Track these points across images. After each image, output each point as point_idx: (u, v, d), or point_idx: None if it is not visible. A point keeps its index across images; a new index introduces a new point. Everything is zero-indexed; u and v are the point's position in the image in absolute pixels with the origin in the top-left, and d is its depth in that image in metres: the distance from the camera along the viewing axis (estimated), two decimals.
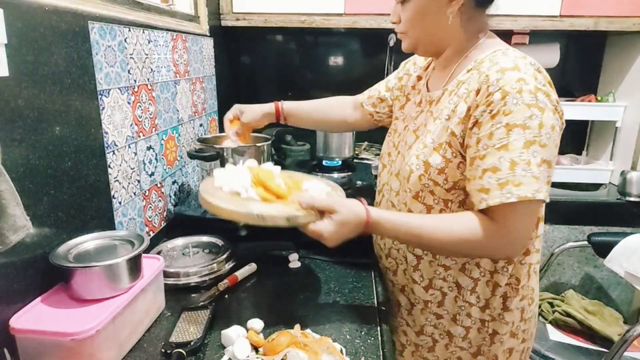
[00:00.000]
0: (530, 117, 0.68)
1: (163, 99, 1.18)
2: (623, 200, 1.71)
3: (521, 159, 0.68)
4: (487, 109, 0.71)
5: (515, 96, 0.68)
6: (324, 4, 1.69)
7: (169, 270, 0.94)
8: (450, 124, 0.78)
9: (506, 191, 0.68)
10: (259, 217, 0.72)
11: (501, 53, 0.76)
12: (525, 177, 0.68)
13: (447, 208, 0.81)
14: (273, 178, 0.81)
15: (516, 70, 0.70)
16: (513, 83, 0.69)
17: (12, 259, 0.66)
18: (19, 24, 0.67)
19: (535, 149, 0.68)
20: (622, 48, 1.88)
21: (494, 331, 0.85)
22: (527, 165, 0.68)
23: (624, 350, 1.21)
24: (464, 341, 0.87)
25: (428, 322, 0.88)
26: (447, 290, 0.85)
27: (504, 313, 0.84)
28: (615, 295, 1.82)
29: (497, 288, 0.83)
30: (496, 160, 0.69)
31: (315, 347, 0.68)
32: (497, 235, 0.72)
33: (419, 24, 0.81)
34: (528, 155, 0.68)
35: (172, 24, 1.26)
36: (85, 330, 0.63)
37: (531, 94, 0.68)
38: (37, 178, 0.71)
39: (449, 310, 0.86)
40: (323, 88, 2.11)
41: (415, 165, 0.81)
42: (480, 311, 0.85)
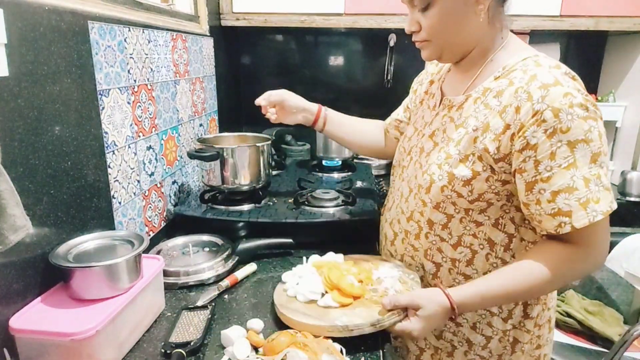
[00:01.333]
0: (590, 130, 0.66)
1: (163, 98, 1.18)
2: (623, 200, 1.71)
3: (592, 174, 0.67)
4: (539, 129, 0.67)
5: (569, 112, 0.66)
6: (324, 4, 1.69)
7: (168, 270, 0.94)
8: (481, 137, 0.74)
9: (590, 210, 0.67)
10: (344, 329, 0.72)
11: (533, 62, 0.73)
12: (600, 191, 0.67)
13: (468, 216, 0.79)
14: (344, 277, 0.81)
15: (559, 86, 0.67)
16: (561, 99, 0.66)
17: (12, 258, 0.66)
18: (19, 24, 0.67)
19: (602, 160, 0.67)
20: (622, 48, 1.88)
21: (514, 339, 0.84)
22: (598, 180, 0.67)
23: (624, 350, 1.21)
24: (484, 350, 0.85)
25: (447, 328, 0.86)
26: None
27: (525, 321, 0.83)
28: (615, 296, 1.81)
29: None
30: (568, 181, 0.67)
31: (315, 347, 0.68)
32: (585, 256, 0.71)
33: (447, 28, 0.76)
34: (597, 169, 0.67)
35: (172, 23, 1.25)
36: (85, 331, 0.63)
37: (582, 107, 0.66)
38: (36, 178, 0.71)
39: (468, 319, 0.84)
40: (323, 88, 2.11)
41: (438, 175, 0.78)
42: (502, 322, 0.83)
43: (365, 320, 0.73)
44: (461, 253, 0.81)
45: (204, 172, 1.21)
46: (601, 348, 1.47)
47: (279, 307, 0.80)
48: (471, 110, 0.77)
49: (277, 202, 1.24)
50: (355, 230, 1.15)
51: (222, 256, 1.00)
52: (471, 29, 0.76)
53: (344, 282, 0.80)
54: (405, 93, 1.12)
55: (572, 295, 1.74)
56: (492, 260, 0.80)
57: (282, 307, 0.80)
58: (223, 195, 1.26)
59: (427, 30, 0.78)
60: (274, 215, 1.14)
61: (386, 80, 2.02)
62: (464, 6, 0.74)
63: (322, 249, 1.01)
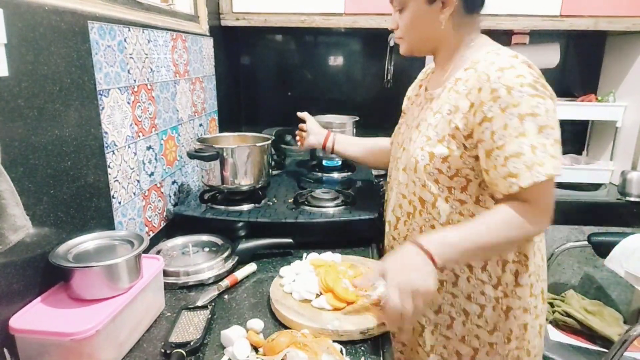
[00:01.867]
0: (536, 106, 0.76)
1: (163, 98, 1.18)
2: (623, 200, 1.71)
3: (539, 143, 0.76)
4: (494, 104, 0.78)
5: (520, 89, 0.76)
6: (324, 4, 1.69)
7: (168, 270, 0.94)
8: (452, 118, 0.84)
9: (535, 172, 0.76)
10: (334, 333, 0.75)
11: (494, 53, 0.84)
12: (545, 157, 0.76)
13: (451, 194, 0.87)
14: (339, 281, 0.84)
15: (513, 69, 0.78)
16: (514, 79, 0.77)
17: (12, 258, 0.66)
18: (18, 24, 0.67)
19: (547, 132, 0.77)
20: (622, 48, 1.88)
21: (507, 307, 0.89)
22: (544, 148, 0.76)
23: (624, 350, 1.21)
24: (480, 319, 0.90)
25: (445, 300, 0.92)
26: (459, 271, 0.90)
27: (516, 289, 0.89)
28: (615, 296, 1.82)
29: (507, 264, 0.88)
30: (517, 147, 0.76)
31: (315, 347, 0.68)
32: (534, 213, 0.79)
33: (415, 29, 0.90)
34: (542, 139, 0.76)
35: (171, 23, 1.26)
36: (85, 330, 0.63)
37: (531, 87, 0.77)
38: (36, 178, 0.71)
39: (463, 290, 0.90)
40: (323, 88, 2.11)
41: (420, 156, 0.88)
42: (493, 289, 0.89)
43: (356, 327, 0.76)
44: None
45: (204, 172, 1.21)
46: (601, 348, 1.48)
47: (274, 302, 0.83)
48: (446, 98, 0.88)
49: (277, 202, 1.24)
50: (355, 230, 1.15)
51: (222, 256, 1.00)
52: (435, 32, 0.89)
53: (339, 286, 0.83)
54: (405, 93, 1.13)
55: (572, 295, 1.74)
56: None
57: (277, 303, 0.83)
58: (223, 195, 1.26)
59: (401, 29, 0.92)
60: (274, 215, 1.14)
61: (386, 80, 2.02)
62: (429, 14, 0.87)
63: (322, 249, 1.01)
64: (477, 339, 0.91)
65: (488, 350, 0.91)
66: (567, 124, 2.22)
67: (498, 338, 0.90)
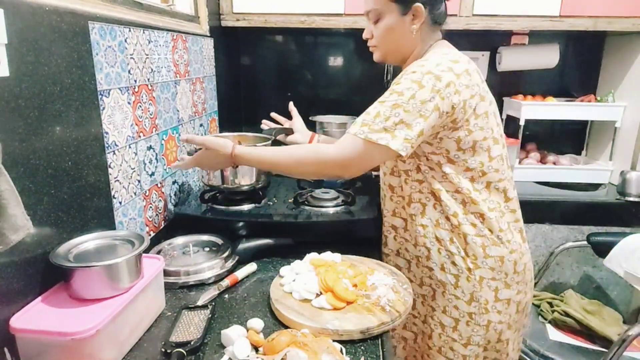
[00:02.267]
0: (407, 89, 0.87)
1: (163, 99, 1.18)
2: (622, 200, 1.71)
3: (383, 114, 0.87)
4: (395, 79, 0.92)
5: (409, 75, 0.88)
6: (324, 4, 1.69)
7: (169, 269, 0.94)
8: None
9: (361, 130, 0.87)
10: (334, 332, 0.75)
11: (443, 53, 0.94)
12: (378, 124, 0.87)
13: (409, 177, 1.00)
14: (339, 281, 0.85)
15: (429, 61, 0.90)
16: (415, 67, 0.90)
17: (13, 258, 0.66)
18: (19, 24, 0.67)
19: (399, 112, 0.86)
20: (621, 48, 1.88)
21: (480, 277, 0.97)
22: (384, 119, 0.87)
23: (623, 350, 1.21)
24: (457, 289, 0.99)
25: (424, 274, 1.04)
26: (430, 244, 1.00)
27: (486, 260, 0.97)
28: (614, 295, 1.82)
29: (467, 236, 0.97)
30: (372, 108, 0.90)
31: (315, 347, 0.68)
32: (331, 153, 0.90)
33: (388, 38, 1.00)
34: (390, 113, 0.87)
35: (172, 24, 1.26)
36: (86, 330, 0.63)
37: (420, 74, 0.87)
38: (37, 178, 0.71)
39: (435, 262, 1.00)
40: (323, 88, 2.11)
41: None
42: (462, 260, 0.98)
43: (355, 327, 0.76)
44: (414, 208, 1.01)
45: (204, 172, 1.21)
46: (600, 348, 1.48)
47: (274, 302, 0.84)
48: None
49: (277, 202, 1.24)
50: (355, 230, 1.15)
51: (222, 256, 1.00)
52: (407, 42, 0.99)
53: (339, 286, 0.84)
54: None
55: (571, 294, 1.74)
56: (439, 209, 0.98)
57: (277, 303, 0.83)
58: (223, 195, 1.26)
59: (376, 38, 1.02)
60: (274, 215, 1.14)
61: (386, 80, 2.02)
62: (402, 24, 0.97)
63: (322, 249, 1.01)
64: (456, 309, 0.99)
65: (468, 321, 0.99)
66: (567, 124, 2.24)
67: (476, 308, 0.98)
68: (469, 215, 0.96)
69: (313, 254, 0.99)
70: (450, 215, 0.97)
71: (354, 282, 0.87)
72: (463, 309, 0.99)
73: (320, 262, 0.95)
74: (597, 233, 1.47)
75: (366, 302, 0.83)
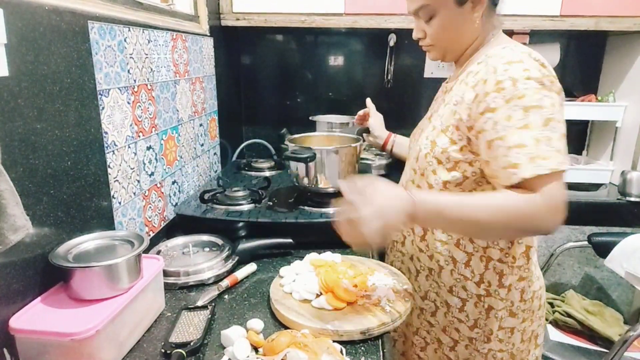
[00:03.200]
0: (542, 99, 0.74)
1: (163, 98, 1.18)
2: (623, 201, 1.71)
3: (543, 136, 0.73)
4: (499, 95, 0.76)
5: (525, 82, 0.75)
6: (324, 4, 1.69)
7: (168, 270, 0.94)
8: (457, 109, 0.84)
9: (537, 164, 0.72)
10: (334, 333, 0.75)
11: (509, 48, 0.83)
12: (550, 151, 0.73)
13: (446, 189, 0.88)
14: (339, 281, 0.85)
15: (521, 63, 0.77)
16: (520, 72, 0.76)
17: (12, 258, 0.66)
18: (19, 24, 0.67)
19: (553, 125, 0.74)
20: (622, 48, 1.88)
21: (489, 306, 0.90)
22: (548, 141, 0.73)
23: (624, 350, 1.21)
24: (461, 313, 0.92)
25: (431, 288, 0.96)
26: (444, 263, 0.92)
27: (499, 290, 0.89)
28: (615, 296, 1.81)
29: (490, 262, 0.88)
30: (520, 139, 0.74)
31: (315, 347, 0.68)
32: (539, 202, 0.72)
33: (447, 34, 0.89)
34: (548, 132, 0.73)
35: (172, 23, 1.25)
36: (85, 330, 0.63)
37: (538, 81, 0.75)
38: (36, 178, 0.71)
39: (445, 282, 0.93)
40: (323, 88, 2.11)
41: (424, 144, 0.90)
42: (475, 285, 0.90)
43: (356, 327, 0.76)
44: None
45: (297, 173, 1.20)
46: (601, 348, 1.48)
47: (274, 302, 0.83)
48: (456, 90, 0.89)
49: (277, 202, 1.24)
50: None
51: (222, 256, 1.00)
52: (467, 33, 0.89)
53: (339, 286, 0.83)
54: (405, 93, 1.13)
55: (572, 295, 1.74)
56: None
57: (277, 303, 0.83)
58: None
59: (431, 37, 0.91)
60: (274, 215, 1.14)
61: (386, 80, 2.02)
62: (461, 15, 0.87)
63: (322, 249, 1.01)
64: (457, 332, 0.94)
65: (467, 345, 0.93)
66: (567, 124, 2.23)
67: (478, 335, 0.92)
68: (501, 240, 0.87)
69: (313, 254, 0.99)
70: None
71: (354, 283, 0.86)
72: (464, 332, 0.93)
73: (320, 262, 0.95)
74: (598, 233, 1.47)
75: (366, 302, 0.82)
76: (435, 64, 2.01)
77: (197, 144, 1.45)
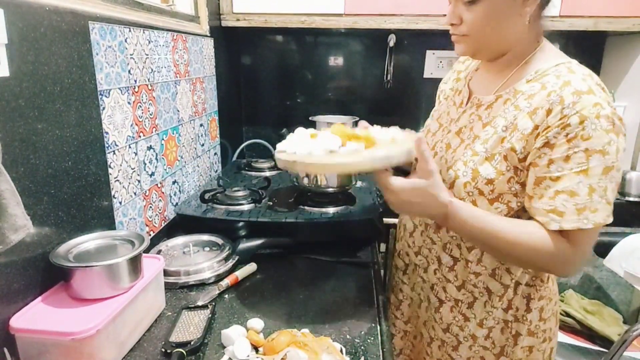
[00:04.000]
0: (609, 143, 0.68)
1: (163, 99, 1.18)
2: (622, 201, 1.71)
3: (599, 186, 0.68)
4: (562, 132, 0.69)
5: (594, 121, 0.67)
6: (324, 4, 1.69)
7: (169, 269, 0.94)
8: (508, 137, 0.75)
9: (583, 217, 0.68)
10: (385, 158, 0.69)
11: (566, 68, 0.74)
12: (601, 203, 0.68)
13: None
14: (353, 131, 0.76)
15: (592, 95, 0.69)
16: (590, 108, 0.68)
17: (13, 258, 0.66)
18: (19, 24, 0.67)
19: (612, 174, 0.69)
20: (621, 48, 1.88)
21: (517, 332, 0.85)
22: (604, 192, 0.68)
23: (624, 350, 1.21)
24: (487, 340, 0.86)
25: (455, 321, 0.88)
26: (478, 295, 0.85)
27: (527, 314, 0.84)
28: (614, 295, 1.82)
29: (519, 287, 0.83)
30: (574, 185, 0.69)
31: (315, 347, 0.68)
32: (568, 253, 0.71)
33: (489, 25, 0.75)
34: (606, 182, 0.68)
35: (172, 24, 1.26)
36: (86, 330, 0.63)
37: (608, 120, 0.68)
38: (37, 178, 0.71)
39: (476, 314, 0.86)
40: (323, 88, 2.11)
41: (463, 172, 0.79)
42: (503, 312, 0.84)
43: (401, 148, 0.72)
44: (474, 254, 0.83)
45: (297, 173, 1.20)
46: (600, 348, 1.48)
47: (299, 161, 0.73)
48: (500, 110, 0.78)
49: (277, 202, 1.24)
50: (355, 230, 1.15)
51: (222, 256, 1.00)
52: (512, 30, 0.76)
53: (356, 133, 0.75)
54: (405, 93, 1.12)
55: (572, 294, 1.74)
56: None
57: (305, 158, 0.72)
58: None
59: (469, 25, 0.76)
60: (274, 215, 1.14)
61: (386, 80, 2.02)
62: (512, 6, 0.74)
63: (322, 249, 1.01)
64: (477, 355, 0.88)
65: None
66: None
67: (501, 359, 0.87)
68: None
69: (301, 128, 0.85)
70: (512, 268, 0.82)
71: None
72: (487, 358, 0.87)
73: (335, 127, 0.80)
74: None
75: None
76: (435, 64, 2.01)
77: (197, 144, 1.45)
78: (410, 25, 1.68)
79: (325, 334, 0.77)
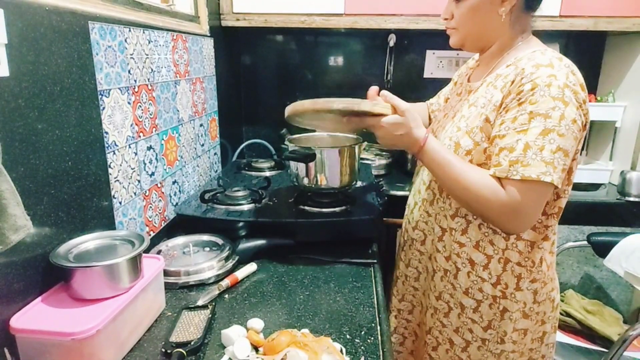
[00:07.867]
0: (553, 109, 0.75)
1: (163, 99, 1.18)
2: (622, 200, 1.71)
3: (535, 144, 0.75)
4: (516, 97, 0.78)
5: (544, 89, 0.75)
6: (324, 4, 1.69)
7: (169, 269, 0.94)
8: (485, 111, 0.85)
9: (513, 169, 0.76)
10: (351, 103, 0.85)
11: (540, 52, 0.83)
12: (534, 160, 0.75)
13: None
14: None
15: (550, 67, 0.77)
16: (544, 77, 0.76)
17: (13, 258, 0.66)
18: (19, 24, 0.67)
19: (552, 137, 0.75)
20: (621, 48, 1.88)
21: (504, 308, 0.90)
22: (539, 150, 0.75)
23: (624, 350, 1.21)
24: (475, 313, 0.92)
25: (445, 289, 0.96)
26: (461, 265, 0.92)
27: (516, 292, 0.89)
28: (614, 295, 1.82)
29: (508, 264, 0.88)
30: (513, 142, 0.77)
31: (315, 347, 0.68)
32: (501, 198, 0.79)
33: (471, 20, 0.89)
34: (544, 142, 0.75)
35: (172, 24, 1.26)
36: (86, 330, 0.63)
37: (559, 89, 0.75)
38: (37, 178, 0.71)
39: (461, 284, 0.92)
40: (323, 88, 2.11)
41: (447, 145, 0.89)
42: (492, 287, 0.90)
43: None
44: (457, 222, 0.91)
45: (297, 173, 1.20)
46: (600, 347, 1.48)
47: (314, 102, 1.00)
48: (483, 92, 0.89)
49: (277, 202, 1.24)
50: (355, 230, 1.15)
51: (222, 256, 1.00)
52: (492, 26, 0.88)
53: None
54: (405, 93, 1.13)
55: (572, 294, 1.74)
56: (484, 230, 0.89)
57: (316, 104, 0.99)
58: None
59: (457, 20, 0.90)
60: (274, 215, 1.14)
61: (386, 80, 2.02)
62: (490, 5, 0.86)
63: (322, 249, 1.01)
64: (470, 332, 0.94)
65: (480, 346, 0.93)
66: None
67: (491, 336, 0.92)
68: (521, 242, 0.87)
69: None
70: (497, 238, 0.88)
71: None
72: (477, 333, 0.93)
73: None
74: (597, 233, 1.47)
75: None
76: (435, 64, 2.01)
77: (197, 144, 1.45)
78: (410, 25, 1.69)
79: (325, 334, 0.77)
